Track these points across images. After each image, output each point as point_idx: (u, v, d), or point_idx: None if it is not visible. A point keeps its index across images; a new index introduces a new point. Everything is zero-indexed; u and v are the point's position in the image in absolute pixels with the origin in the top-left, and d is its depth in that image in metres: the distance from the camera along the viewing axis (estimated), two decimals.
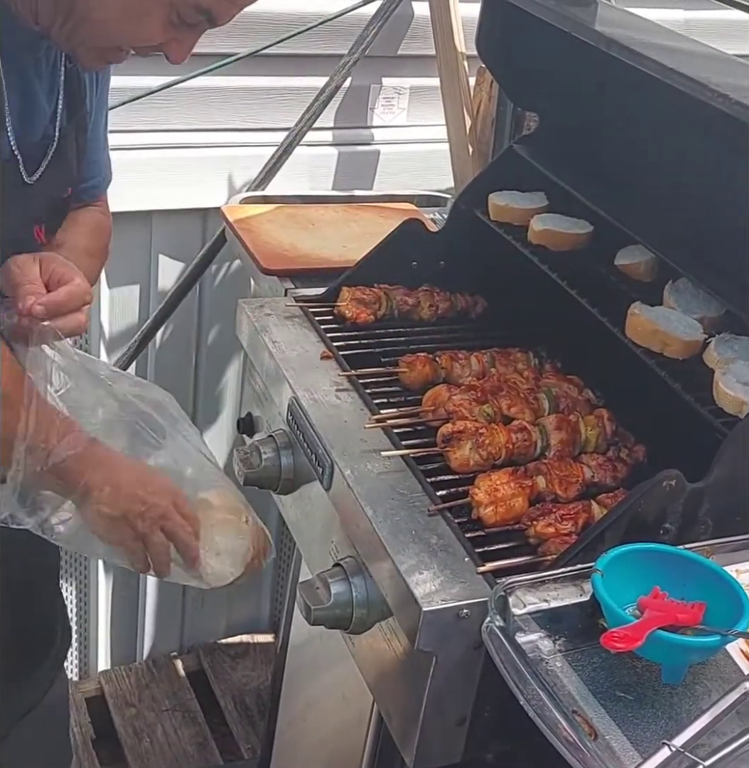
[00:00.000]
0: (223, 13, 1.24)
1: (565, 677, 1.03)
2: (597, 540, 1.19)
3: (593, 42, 1.47)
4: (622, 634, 0.98)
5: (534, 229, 1.73)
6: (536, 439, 1.46)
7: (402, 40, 2.46)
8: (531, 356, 1.69)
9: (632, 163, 1.65)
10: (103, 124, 1.53)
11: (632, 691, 1.03)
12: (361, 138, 2.53)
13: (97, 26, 1.20)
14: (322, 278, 1.86)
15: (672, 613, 1.04)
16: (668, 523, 1.23)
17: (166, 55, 1.28)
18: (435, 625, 1.14)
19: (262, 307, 1.72)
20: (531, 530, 1.31)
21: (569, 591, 1.12)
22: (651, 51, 1.40)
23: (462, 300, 1.82)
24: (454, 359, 1.63)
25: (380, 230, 1.97)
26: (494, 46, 1.77)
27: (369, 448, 1.40)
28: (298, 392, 1.50)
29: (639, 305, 1.50)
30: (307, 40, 2.28)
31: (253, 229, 2.06)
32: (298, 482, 1.54)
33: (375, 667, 1.33)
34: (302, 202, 2.25)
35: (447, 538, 1.26)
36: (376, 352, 1.68)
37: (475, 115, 2.40)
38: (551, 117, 1.85)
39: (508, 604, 1.08)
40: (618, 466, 1.46)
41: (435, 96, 2.47)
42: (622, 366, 1.52)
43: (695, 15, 2.68)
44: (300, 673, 2.03)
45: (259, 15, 2.25)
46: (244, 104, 2.35)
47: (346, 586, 1.29)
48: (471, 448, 1.40)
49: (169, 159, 2.31)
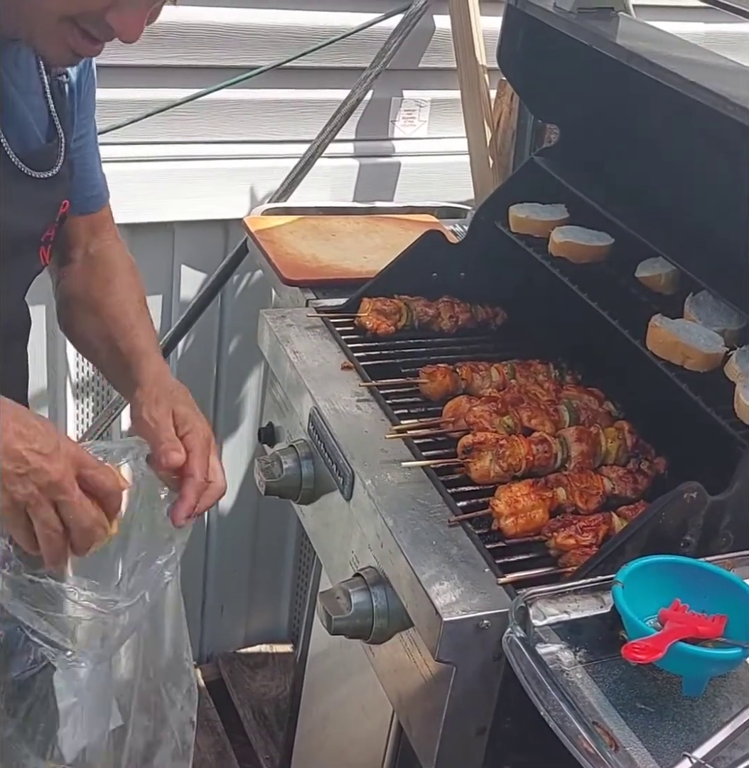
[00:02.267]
0: None
1: (586, 689, 1.03)
2: (618, 552, 1.19)
3: (614, 56, 1.48)
4: (643, 646, 0.98)
5: (554, 241, 1.73)
6: (556, 450, 1.46)
7: (423, 53, 2.47)
8: (551, 368, 1.69)
9: (653, 175, 1.65)
10: (93, 129, 1.51)
11: (653, 703, 1.04)
12: (382, 150, 2.55)
13: (34, 4, 1.17)
14: (342, 289, 1.87)
15: (693, 626, 1.05)
16: (689, 535, 1.23)
17: (117, 32, 1.20)
18: (455, 635, 1.15)
19: (284, 317, 1.73)
20: (552, 542, 1.31)
21: (589, 602, 1.12)
22: (673, 64, 1.40)
23: (482, 311, 1.83)
24: (475, 370, 1.63)
25: (400, 241, 1.98)
26: (515, 60, 1.78)
27: (389, 458, 1.41)
28: (319, 402, 1.51)
29: (660, 318, 1.50)
30: (329, 53, 2.30)
31: (275, 240, 2.07)
32: (319, 492, 1.55)
33: (395, 677, 1.33)
34: (323, 213, 2.26)
35: (468, 549, 1.26)
36: (397, 362, 1.69)
37: (496, 128, 2.41)
38: (572, 129, 1.86)
39: (529, 615, 1.08)
40: (639, 478, 1.46)
41: (455, 108, 2.48)
42: (643, 378, 1.52)
43: (715, 28, 2.68)
44: (319, 683, 2.04)
45: (282, 28, 2.27)
46: (266, 116, 2.37)
47: (367, 596, 1.30)
48: (491, 459, 1.40)
49: (192, 170, 2.33)
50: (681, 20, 2.54)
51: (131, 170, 2.26)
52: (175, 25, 2.17)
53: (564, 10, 1.62)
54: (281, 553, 2.91)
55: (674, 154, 1.63)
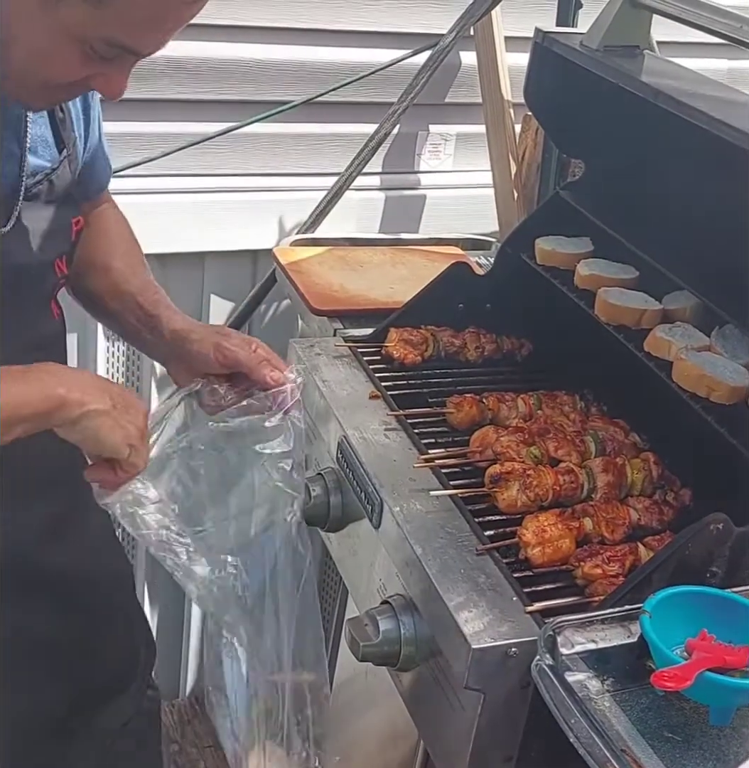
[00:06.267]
0: (139, 44, 1.13)
1: (614, 717, 1.04)
2: (645, 582, 1.20)
3: (641, 93, 1.50)
4: (672, 674, 0.99)
5: (580, 274, 1.75)
6: (583, 481, 1.48)
7: (450, 88, 2.51)
8: (577, 399, 1.71)
9: (677, 210, 1.67)
10: (98, 132, 1.48)
11: (680, 732, 1.04)
12: (408, 183, 2.58)
13: (17, 68, 1.15)
14: (369, 319, 1.90)
15: (721, 656, 1.05)
16: (715, 566, 1.23)
17: (100, 93, 1.22)
18: (483, 663, 1.16)
19: (312, 346, 1.76)
20: (579, 571, 1.32)
21: (617, 632, 1.14)
22: (698, 101, 1.43)
23: (508, 342, 1.85)
24: (501, 401, 1.65)
25: (426, 273, 2.01)
26: (542, 96, 1.81)
27: (417, 487, 1.43)
28: (347, 431, 1.53)
29: (685, 350, 1.52)
30: (358, 88, 2.34)
31: (304, 271, 2.10)
32: (346, 520, 1.57)
33: (422, 704, 1.35)
34: (350, 244, 2.29)
35: (496, 578, 1.28)
36: (423, 392, 1.71)
37: (520, 161, 2.45)
38: (597, 164, 1.88)
39: (557, 644, 1.09)
40: (665, 509, 1.47)
41: (480, 142, 2.52)
42: (668, 410, 1.53)
43: (738, 65, 2.70)
44: (344, 710, 2.04)
45: (313, 64, 2.32)
46: (296, 150, 2.41)
47: (395, 624, 1.31)
48: (518, 489, 1.42)
49: (222, 202, 2.37)
50: (704, 57, 2.57)
51: (163, 201, 2.31)
52: (208, 60, 2.23)
53: (590, 48, 1.65)
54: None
55: (698, 190, 1.65)
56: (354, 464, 1.49)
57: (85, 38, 1.11)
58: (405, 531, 1.33)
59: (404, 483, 1.43)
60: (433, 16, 2.38)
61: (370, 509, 1.43)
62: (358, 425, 1.55)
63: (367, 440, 1.52)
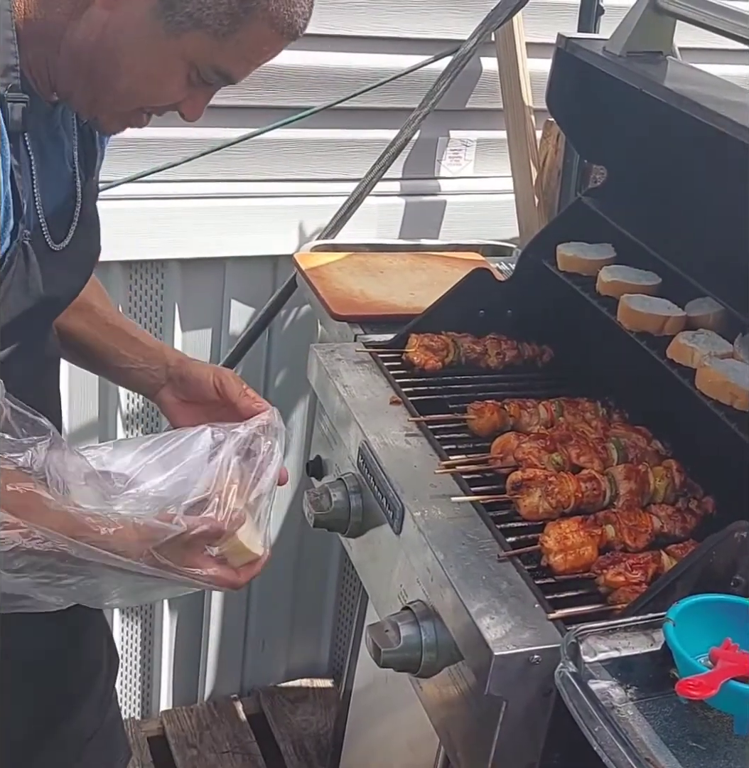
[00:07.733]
0: (240, 73, 1.23)
1: (637, 725, 1.03)
2: (669, 590, 1.19)
3: (664, 99, 1.50)
4: (697, 683, 0.98)
5: (602, 281, 1.75)
6: (605, 488, 1.47)
7: (470, 94, 2.51)
8: (599, 406, 1.70)
9: (700, 216, 1.66)
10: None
11: (704, 741, 1.03)
12: (428, 189, 2.58)
13: (120, 92, 1.20)
14: (390, 324, 1.90)
15: (745, 665, 1.05)
16: (739, 574, 1.22)
17: (181, 113, 1.27)
18: (506, 669, 1.15)
19: (333, 351, 1.76)
20: (601, 579, 1.31)
21: (640, 640, 1.13)
22: (721, 107, 1.42)
23: (529, 348, 1.84)
24: (523, 407, 1.64)
25: (446, 279, 2.01)
26: (564, 102, 1.81)
27: (439, 493, 1.43)
28: (368, 436, 1.53)
29: (709, 357, 1.51)
30: (379, 94, 2.34)
31: (324, 276, 2.11)
32: (366, 526, 1.57)
33: (443, 711, 1.34)
34: (371, 250, 2.29)
35: (517, 584, 1.27)
36: (444, 398, 1.71)
37: (541, 167, 2.44)
38: (619, 170, 1.88)
39: (580, 652, 1.09)
40: (687, 517, 1.46)
41: (501, 148, 2.52)
42: (691, 417, 1.52)
43: None
44: (364, 717, 2.04)
45: (334, 70, 2.32)
46: (316, 155, 2.42)
47: (416, 630, 1.31)
48: (540, 495, 1.41)
49: (244, 208, 2.37)
50: (726, 63, 2.56)
51: (185, 207, 2.32)
52: None
53: (613, 53, 1.65)
54: (323, 588, 2.92)
55: (721, 196, 1.64)
56: (375, 469, 1.48)
57: (196, 64, 1.19)
58: (426, 537, 1.33)
59: (425, 489, 1.43)
60: (454, 22, 2.38)
61: (390, 515, 1.43)
62: (378, 431, 1.55)
63: (387, 445, 1.52)
